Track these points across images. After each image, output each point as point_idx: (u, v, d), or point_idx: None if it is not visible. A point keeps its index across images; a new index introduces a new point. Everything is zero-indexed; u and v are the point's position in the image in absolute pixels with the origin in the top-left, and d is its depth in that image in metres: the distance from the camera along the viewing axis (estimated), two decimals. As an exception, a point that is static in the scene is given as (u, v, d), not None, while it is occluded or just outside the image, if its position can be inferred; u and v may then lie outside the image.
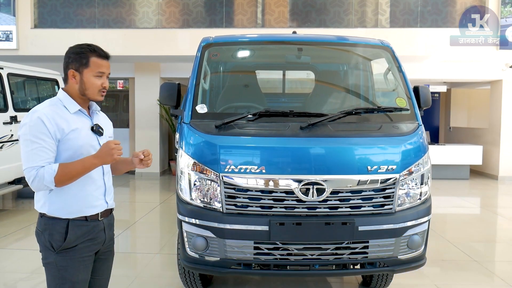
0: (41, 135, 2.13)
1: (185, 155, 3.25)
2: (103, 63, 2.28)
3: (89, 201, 2.29)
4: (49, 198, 2.22)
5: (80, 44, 2.29)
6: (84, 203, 2.27)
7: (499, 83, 10.91)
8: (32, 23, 9.81)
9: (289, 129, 3.21)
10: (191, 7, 9.93)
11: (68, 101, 2.26)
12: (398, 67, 3.78)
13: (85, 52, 2.24)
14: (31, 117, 2.16)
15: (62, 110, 2.23)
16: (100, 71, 2.27)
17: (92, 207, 2.30)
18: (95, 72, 2.25)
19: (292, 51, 4.18)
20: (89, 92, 2.27)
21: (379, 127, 3.36)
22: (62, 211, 2.23)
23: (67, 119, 2.22)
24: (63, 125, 2.19)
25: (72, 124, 2.22)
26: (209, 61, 3.83)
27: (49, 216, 2.23)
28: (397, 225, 3.16)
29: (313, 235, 3.09)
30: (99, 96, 2.31)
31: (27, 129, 2.15)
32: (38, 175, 2.10)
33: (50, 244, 2.21)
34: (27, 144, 2.14)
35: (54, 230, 2.21)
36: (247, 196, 3.10)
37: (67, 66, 2.27)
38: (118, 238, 5.97)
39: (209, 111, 3.52)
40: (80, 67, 2.24)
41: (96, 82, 2.27)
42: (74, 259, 2.24)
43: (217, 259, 3.13)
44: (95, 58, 2.25)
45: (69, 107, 2.25)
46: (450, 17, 9.77)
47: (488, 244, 6.06)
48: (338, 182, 3.09)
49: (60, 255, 2.22)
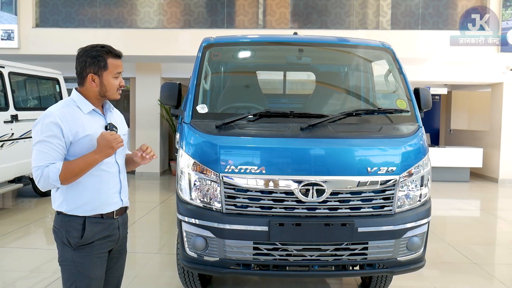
0: (52, 136, 2.17)
1: (185, 155, 3.25)
2: (119, 63, 2.32)
3: (105, 199, 2.34)
4: (67, 197, 2.27)
5: (94, 46, 2.30)
6: (101, 201, 2.32)
7: (500, 86, 10.91)
8: (33, 22, 9.82)
9: (289, 129, 3.22)
10: (193, 8, 9.95)
11: (82, 102, 2.29)
12: (398, 69, 3.78)
13: (102, 55, 2.26)
14: (45, 118, 2.20)
15: (76, 111, 2.26)
16: (118, 72, 2.32)
17: (108, 204, 2.35)
18: (113, 74, 2.30)
19: (293, 52, 4.18)
20: (110, 93, 2.32)
21: (379, 128, 3.36)
22: (79, 209, 2.27)
23: (82, 122, 2.25)
24: (78, 128, 2.22)
25: (87, 128, 2.25)
26: (210, 61, 3.83)
27: (66, 213, 2.27)
28: (397, 226, 3.16)
29: (313, 236, 3.09)
30: (117, 95, 2.37)
31: (39, 129, 2.19)
32: (43, 175, 2.15)
33: (67, 240, 2.26)
34: (37, 144, 2.18)
35: (71, 227, 2.26)
36: (247, 196, 3.10)
37: (84, 70, 2.28)
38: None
39: (209, 111, 3.52)
40: (99, 71, 2.26)
41: (115, 82, 2.32)
42: (92, 255, 2.29)
43: (217, 259, 3.13)
44: (112, 60, 2.29)
45: (83, 108, 2.28)
46: (451, 19, 9.77)
47: (488, 246, 6.06)
48: (338, 183, 3.09)
49: (78, 251, 2.26)
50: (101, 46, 2.29)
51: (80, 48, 2.31)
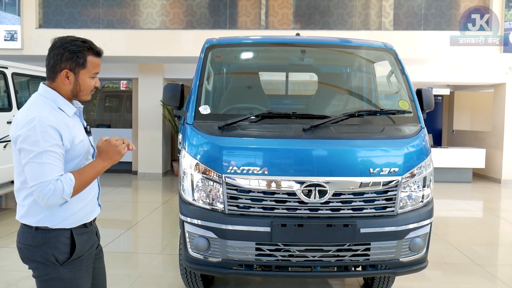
0: (55, 145, 1.93)
1: (188, 155, 3.26)
2: (99, 62, 2.11)
3: (90, 207, 2.18)
4: (51, 211, 2.02)
5: (74, 40, 2.04)
6: (86, 209, 2.15)
7: (503, 86, 10.89)
8: (36, 23, 9.86)
9: (291, 130, 3.22)
10: (195, 9, 9.96)
11: (63, 103, 2.06)
12: (401, 70, 3.78)
13: (82, 51, 2.02)
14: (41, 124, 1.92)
15: (62, 115, 2.03)
16: (96, 72, 2.10)
17: (91, 212, 2.20)
18: (91, 73, 2.08)
19: (296, 53, 4.19)
20: (83, 94, 2.10)
21: (381, 129, 3.37)
22: (66, 221, 2.06)
23: (73, 126, 2.06)
24: (72, 133, 2.03)
25: (77, 133, 2.08)
26: (212, 62, 3.84)
27: (51, 228, 2.03)
28: (399, 227, 3.16)
29: (315, 236, 3.09)
30: (89, 97, 2.16)
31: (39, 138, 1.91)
32: (56, 189, 1.90)
33: (54, 257, 2.02)
34: (41, 155, 1.90)
35: (58, 242, 2.03)
36: (249, 197, 3.11)
37: (58, 64, 2.02)
38: (120, 238, 5.99)
39: (212, 112, 3.53)
40: (76, 68, 2.03)
41: (91, 83, 2.10)
42: (81, 269, 2.12)
43: (219, 260, 3.14)
44: (92, 58, 2.06)
45: (67, 110, 2.06)
46: (453, 19, 9.76)
47: (491, 247, 6.04)
48: (340, 184, 3.09)
49: (66, 267, 2.05)
50: (82, 41, 2.05)
51: (57, 38, 2.07)
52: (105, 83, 20.02)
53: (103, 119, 14.33)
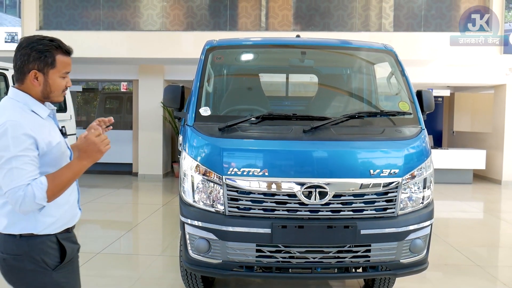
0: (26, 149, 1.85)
1: (188, 157, 3.26)
2: (69, 61, 2.02)
3: (72, 211, 2.12)
4: (35, 217, 1.95)
5: (41, 39, 1.96)
6: (70, 214, 2.10)
7: (503, 87, 10.89)
8: (37, 25, 9.87)
9: (292, 132, 3.23)
10: (195, 10, 9.97)
11: (36, 105, 1.98)
12: (401, 71, 3.79)
13: (50, 50, 1.94)
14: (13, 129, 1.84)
15: (35, 117, 1.96)
16: (67, 71, 2.02)
17: (73, 217, 2.14)
18: (61, 73, 2.00)
19: (296, 55, 4.19)
20: (54, 95, 2.02)
21: (381, 131, 3.37)
22: (52, 227, 2.00)
23: (47, 129, 1.98)
24: (47, 136, 1.96)
25: (53, 135, 2.00)
26: (213, 64, 3.85)
27: (36, 234, 1.96)
28: (400, 229, 3.16)
29: (315, 238, 3.09)
30: (61, 98, 2.07)
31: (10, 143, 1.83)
32: (27, 195, 1.81)
33: (45, 263, 1.96)
34: (10, 161, 1.82)
35: (47, 247, 1.98)
36: (250, 198, 3.11)
37: (26, 65, 1.94)
38: (121, 240, 5.99)
39: (212, 113, 3.53)
40: (45, 68, 1.95)
41: (62, 83, 2.02)
42: (74, 271, 2.10)
43: (219, 261, 3.14)
44: (61, 57, 1.98)
45: (40, 112, 1.99)
46: (454, 21, 9.76)
47: (491, 249, 6.04)
48: (340, 186, 3.09)
49: (59, 271, 2.00)
50: (49, 40, 1.97)
51: (24, 38, 1.99)
52: (106, 85, 20.08)
53: (104, 121, 14.29)
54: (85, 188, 9.90)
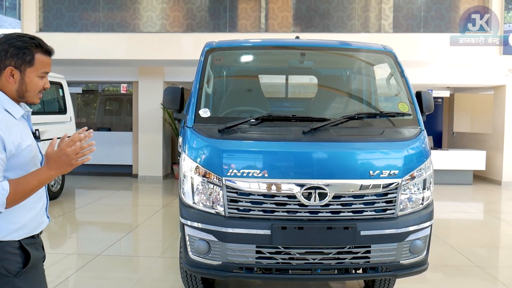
0: None
1: (188, 158, 3.26)
2: (48, 61, 1.95)
3: (39, 218, 2.01)
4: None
5: (21, 36, 1.91)
6: (36, 221, 1.98)
7: (503, 88, 10.90)
8: (37, 26, 9.88)
9: (291, 133, 3.23)
10: (195, 12, 9.99)
11: (10, 104, 1.90)
12: (400, 72, 3.79)
13: (29, 48, 1.88)
14: None
15: (7, 117, 1.87)
16: (45, 71, 1.94)
17: (40, 224, 2.02)
18: (39, 72, 1.92)
19: (295, 56, 4.20)
20: (30, 95, 1.93)
21: (381, 132, 3.37)
22: (15, 234, 1.89)
23: (19, 130, 1.88)
24: (18, 137, 1.85)
25: (24, 137, 1.89)
26: (212, 65, 3.85)
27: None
28: (399, 230, 3.16)
29: (315, 239, 3.09)
30: (37, 99, 1.98)
31: None
32: None
33: (4, 269, 1.85)
34: None
35: (7, 254, 1.86)
36: (249, 200, 3.11)
37: (2, 61, 1.86)
38: (121, 242, 5.99)
39: (212, 115, 3.54)
40: (22, 65, 1.87)
41: (39, 83, 1.94)
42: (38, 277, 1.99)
43: (219, 263, 3.14)
44: (40, 55, 1.90)
45: (13, 112, 1.90)
46: (453, 22, 9.77)
47: (491, 249, 6.04)
48: (340, 187, 3.09)
49: (22, 278, 1.89)
50: (30, 37, 1.91)
51: (4, 35, 1.93)
52: (106, 87, 20.08)
53: (104, 123, 14.35)
54: (84, 190, 9.92)
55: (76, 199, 9.04)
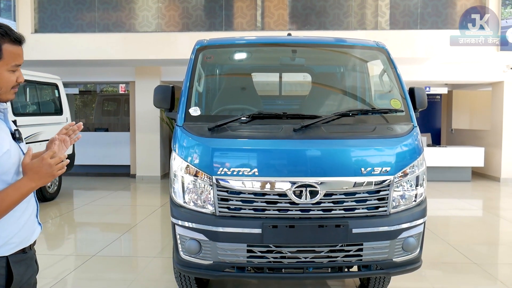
0: None
1: (178, 157, 3.23)
2: (19, 51, 1.72)
3: (29, 228, 1.82)
4: None
5: None
6: (25, 232, 1.79)
7: (501, 84, 10.86)
8: (32, 28, 9.86)
9: (282, 131, 3.19)
10: (191, 11, 9.95)
11: None
12: (393, 69, 3.75)
13: None
14: None
15: None
16: (17, 64, 1.72)
17: (31, 234, 1.84)
18: (10, 66, 1.70)
19: (287, 53, 4.16)
20: (1, 92, 1.72)
21: (373, 128, 3.34)
22: (2, 249, 1.71)
23: None
24: None
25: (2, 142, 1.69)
26: (203, 63, 3.82)
27: None
28: (392, 227, 3.13)
29: (307, 237, 3.06)
30: (11, 95, 1.77)
31: None
32: None
33: None
34: None
35: None
36: (240, 198, 3.08)
37: None
38: (117, 242, 5.96)
39: (202, 113, 3.51)
40: None
41: (11, 78, 1.72)
42: None
43: (210, 263, 3.11)
44: (9, 46, 1.67)
45: None
46: (450, 18, 9.73)
47: (489, 246, 6.01)
48: (331, 184, 3.06)
49: None
50: None
51: None
52: (104, 87, 20.07)
53: (102, 123, 14.33)
54: (82, 191, 9.90)
55: (74, 200, 9.02)
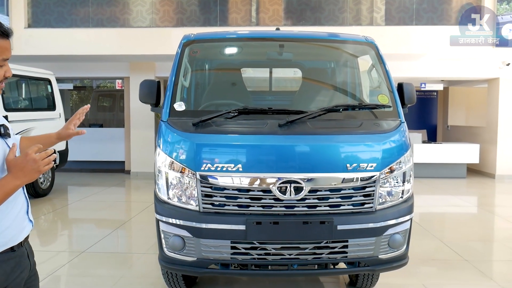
0: None
1: (162, 153, 3.20)
2: (6, 45, 1.64)
3: (17, 225, 1.75)
4: None
5: None
6: (13, 230, 1.72)
7: (496, 81, 10.83)
8: (26, 22, 9.79)
9: (267, 126, 3.16)
10: (185, 6, 9.89)
11: None
12: (382, 64, 3.71)
13: None
14: None
15: None
16: (4, 58, 1.65)
17: (20, 232, 1.77)
18: None
19: (274, 48, 4.12)
20: None
21: (359, 124, 3.30)
22: None
23: None
24: None
25: None
26: (189, 58, 3.78)
27: None
28: (378, 224, 3.10)
29: (291, 234, 3.03)
30: None
31: None
32: None
33: None
34: None
35: None
36: (224, 195, 3.05)
37: None
38: (107, 238, 5.93)
39: (187, 108, 3.47)
40: None
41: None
42: None
43: (194, 259, 3.08)
44: None
45: None
46: (446, 14, 9.69)
47: (482, 243, 5.98)
48: (316, 181, 3.03)
49: None
50: None
51: None
52: (100, 83, 19.99)
53: (97, 119, 14.28)
54: (76, 186, 9.86)
55: (67, 196, 8.98)
